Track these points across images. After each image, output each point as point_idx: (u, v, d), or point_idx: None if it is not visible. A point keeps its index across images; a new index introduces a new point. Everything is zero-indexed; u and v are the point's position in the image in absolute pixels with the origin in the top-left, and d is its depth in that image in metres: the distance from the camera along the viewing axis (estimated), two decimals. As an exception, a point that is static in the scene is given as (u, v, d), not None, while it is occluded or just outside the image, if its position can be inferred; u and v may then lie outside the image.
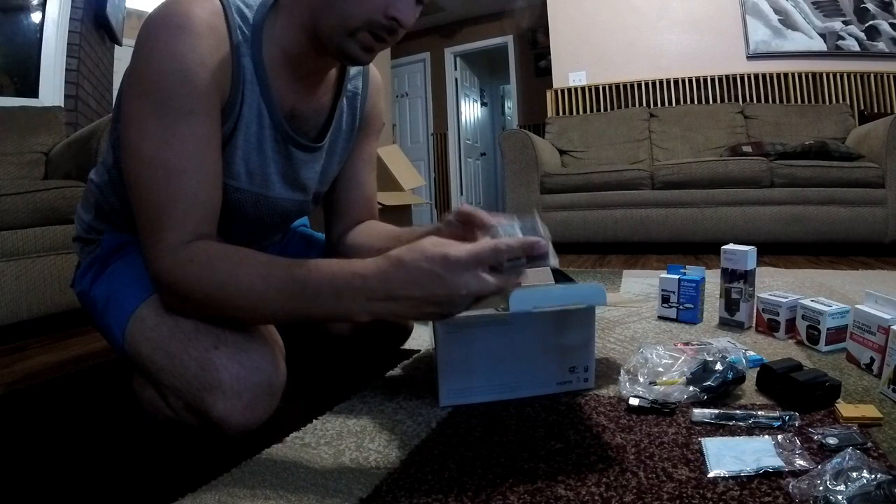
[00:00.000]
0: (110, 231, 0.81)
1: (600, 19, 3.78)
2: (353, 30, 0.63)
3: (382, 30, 0.63)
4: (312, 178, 0.81)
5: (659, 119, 3.33)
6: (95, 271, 0.78)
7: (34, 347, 1.29)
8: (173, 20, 0.60)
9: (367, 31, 0.63)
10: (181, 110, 0.60)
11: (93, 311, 0.78)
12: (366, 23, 0.62)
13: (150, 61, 0.60)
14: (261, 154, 0.72)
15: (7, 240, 1.34)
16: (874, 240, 2.40)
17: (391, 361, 0.98)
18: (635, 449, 0.63)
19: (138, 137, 0.61)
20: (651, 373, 0.82)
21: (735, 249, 1.13)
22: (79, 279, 0.82)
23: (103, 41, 2.88)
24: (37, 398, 0.92)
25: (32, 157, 1.89)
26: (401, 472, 0.60)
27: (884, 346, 0.79)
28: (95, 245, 0.81)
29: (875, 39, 3.20)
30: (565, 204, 2.85)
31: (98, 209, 0.82)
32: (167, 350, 0.63)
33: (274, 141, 0.73)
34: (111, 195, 0.79)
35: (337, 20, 0.63)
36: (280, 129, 0.72)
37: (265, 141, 0.72)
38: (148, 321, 0.66)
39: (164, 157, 0.60)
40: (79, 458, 0.67)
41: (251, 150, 0.71)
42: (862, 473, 0.50)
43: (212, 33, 0.62)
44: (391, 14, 0.61)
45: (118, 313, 0.70)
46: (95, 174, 0.83)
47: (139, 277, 0.70)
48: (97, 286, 0.77)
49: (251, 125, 0.70)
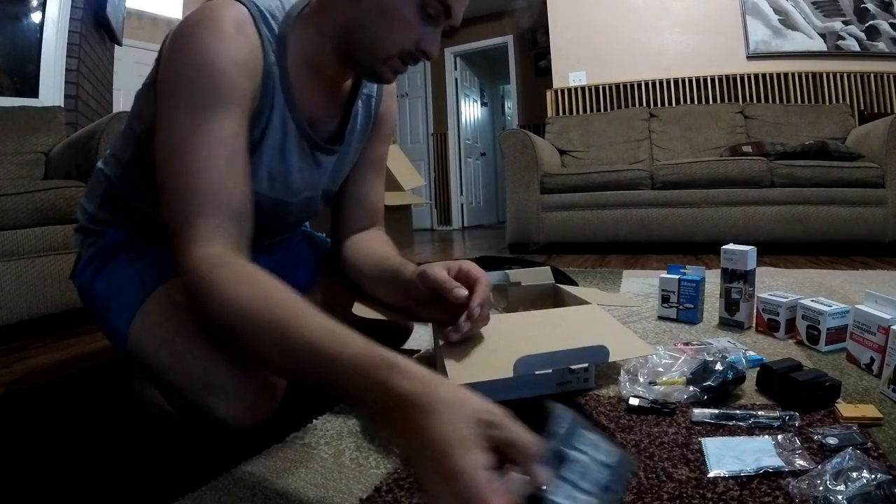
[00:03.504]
0: (114, 226, 0.80)
1: (600, 19, 3.77)
2: (387, 57, 0.67)
3: (411, 59, 0.69)
4: (327, 180, 0.83)
5: (659, 119, 3.33)
6: (97, 265, 0.78)
7: (34, 347, 1.29)
8: (209, 22, 0.62)
9: (399, 58, 0.68)
10: (215, 103, 0.61)
11: (93, 306, 0.78)
12: (399, 52, 0.67)
13: (188, 57, 0.61)
14: (283, 160, 0.73)
15: (7, 240, 1.34)
16: (874, 240, 2.40)
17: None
18: (635, 449, 0.63)
19: (171, 129, 0.61)
20: (651, 373, 0.82)
21: (735, 249, 1.13)
22: (79, 272, 0.82)
23: (103, 41, 2.88)
24: (37, 398, 0.92)
25: (32, 157, 1.89)
26: (401, 472, 0.60)
27: (884, 346, 0.79)
28: (97, 236, 0.81)
29: (875, 39, 3.20)
30: (565, 204, 2.85)
31: (105, 200, 0.81)
32: (172, 348, 0.63)
33: (299, 148, 0.74)
34: (125, 188, 0.79)
35: (371, 45, 0.67)
36: (306, 135, 0.74)
37: (289, 147, 0.73)
38: (154, 317, 0.66)
39: (197, 146, 0.60)
40: (79, 458, 0.67)
41: (274, 157, 0.72)
42: (862, 473, 0.50)
43: (244, 39, 0.64)
44: (422, 47, 0.67)
45: (122, 308, 0.70)
46: (106, 166, 0.82)
47: (144, 272, 0.71)
48: (99, 280, 0.76)
49: (276, 132, 0.71)
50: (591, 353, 0.59)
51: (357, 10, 0.65)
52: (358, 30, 0.66)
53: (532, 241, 2.92)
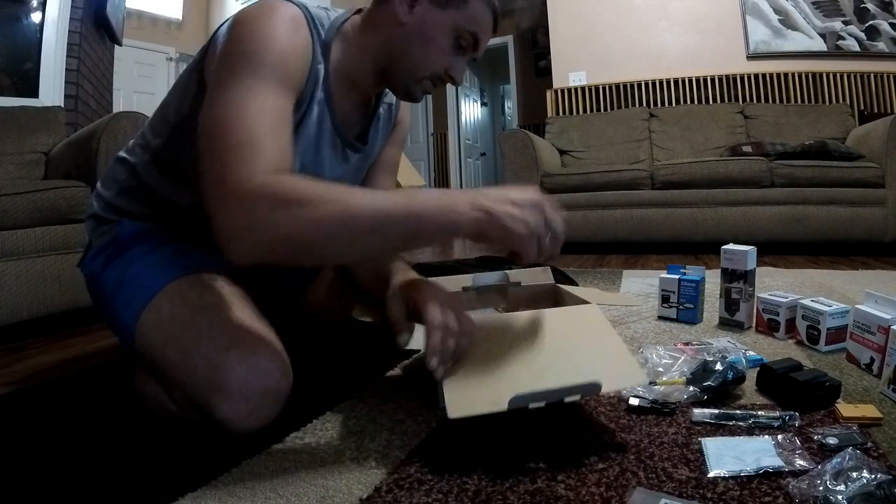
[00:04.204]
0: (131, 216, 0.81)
1: (600, 19, 3.77)
2: (420, 78, 0.76)
3: (440, 81, 0.78)
4: (351, 176, 0.88)
5: (659, 119, 3.33)
6: (109, 254, 0.78)
7: (34, 347, 1.29)
8: (269, 11, 0.66)
9: (429, 80, 0.77)
10: (274, 78, 0.63)
11: (100, 296, 0.78)
12: (431, 75, 0.76)
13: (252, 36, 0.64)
14: (317, 154, 0.78)
15: (7, 240, 1.34)
16: (874, 240, 2.40)
17: (391, 361, 0.98)
18: (635, 449, 0.63)
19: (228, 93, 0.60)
20: (651, 373, 0.82)
21: (735, 249, 1.13)
22: (89, 261, 0.82)
23: (103, 41, 2.88)
24: (37, 398, 0.92)
25: (32, 157, 1.89)
26: (401, 472, 0.60)
27: (884, 346, 0.79)
28: (111, 225, 0.81)
29: (875, 39, 3.20)
30: (565, 204, 2.84)
31: (125, 188, 0.82)
32: (179, 345, 0.63)
33: (332, 144, 0.79)
34: (152, 175, 0.80)
35: (408, 66, 0.75)
36: (340, 133, 0.80)
37: (323, 143, 0.78)
38: (164, 311, 0.67)
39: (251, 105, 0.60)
40: (79, 458, 0.67)
41: (309, 149, 0.76)
42: (862, 473, 0.50)
43: (301, 34, 0.68)
44: (450, 73, 0.76)
45: (132, 299, 0.70)
46: (130, 154, 0.83)
47: (159, 264, 0.71)
48: (110, 270, 0.76)
49: (312, 126, 0.75)
50: (584, 388, 0.63)
51: (401, 32, 0.73)
52: (398, 50, 0.74)
53: (532, 241, 2.91)
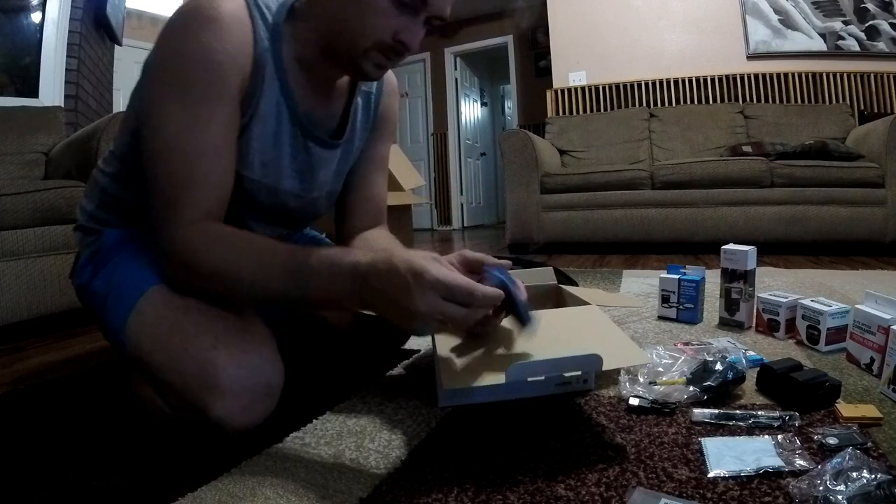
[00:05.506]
0: (112, 225, 0.80)
1: (600, 19, 3.78)
2: (365, 49, 0.67)
3: (391, 52, 0.68)
4: (328, 176, 0.84)
5: (659, 119, 3.33)
6: (96, 264, 0.78)
7: (34, 347, 1.29)
8: (201, 12, 0.63)
9: (378, 51, 0.67)
10: (204, 97, 0.63)
11: (92, 306, 0.78)
12: (375, 43, 0.66)
13: (178, 50, 0.63)
14: (276, 148, 0.75)
15: (7, 240, 1.34)
16: (874, 240, 2.40)
17: (391, 361, 0.98)
18: (635, 449, 0.63)
19: (161, 120, 0.64)
20: (651, 373, 0.82)
21: (735, 249, 1.13)
22: (79, 271, 0.82)
23: (103, 41, 2.88)
24: (37, 398, 0.92)
25: (32, 157, 1.89)
26: (401, 472, 0.60)
27: (884, 346, 0.79)
28: (96, 236, 0.81)
29: (875, 39, 3.20)
30: (565, 204, 2.85)
31: (103, 199, 0.81)
32: (167, 347, 0.63)
33: (292, 137, 0.75)
34: (122, 186, 0.79)
35: (349, 39, 0.67)
36: (299, 124, 0.75)
37: (282, 136, 0.74)
38: (149, 315, 0.66)
39: (185, 140, 0.63)
40: (79, 458, 0.67)
41: (267, 143, 0.73)
42: (862, 473, 0.50)
43: (238, 26, 0.65)
44: (399, 38, 0.66)
45: (119, 307, 0.70)
46: (106, 164, 0.83)
47: (140, 271, 0.71)
48: (98, 280, 0.76)
49: (269, 119, 0.72)
50: (584, 362, 0.60)
51: (336, 3, 0.66)
52: (336, 23, 0.67)
53: (532, 241, 2.92)
